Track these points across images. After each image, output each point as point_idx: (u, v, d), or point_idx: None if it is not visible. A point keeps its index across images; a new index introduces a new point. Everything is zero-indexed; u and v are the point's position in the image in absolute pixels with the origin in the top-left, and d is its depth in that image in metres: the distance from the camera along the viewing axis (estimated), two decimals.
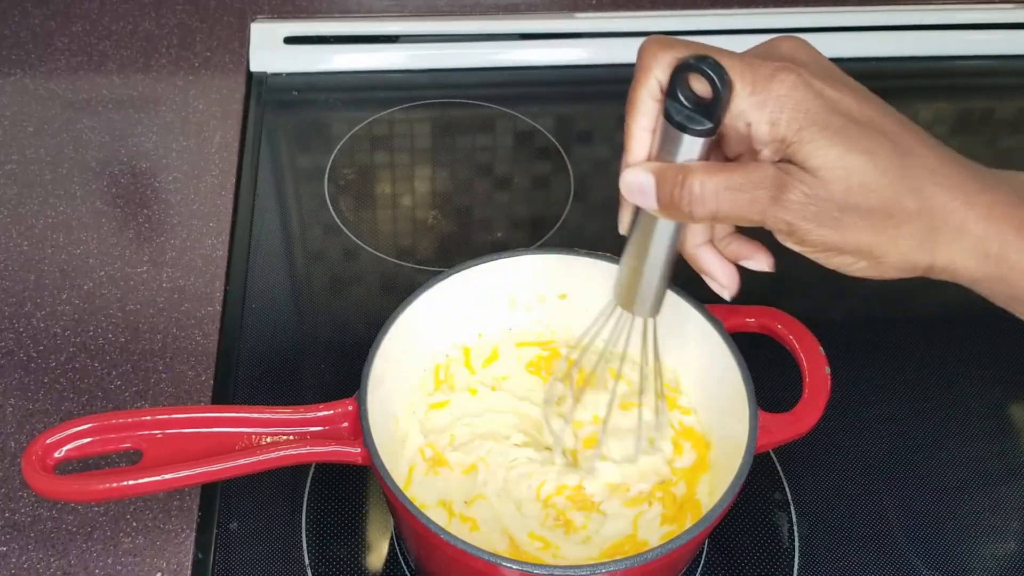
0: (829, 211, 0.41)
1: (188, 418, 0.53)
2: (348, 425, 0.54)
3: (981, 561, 0.60)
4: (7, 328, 0.68)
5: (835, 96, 0.42)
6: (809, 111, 0.41)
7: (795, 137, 0.41)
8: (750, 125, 0.41)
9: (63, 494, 0.51)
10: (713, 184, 0.42)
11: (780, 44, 0.44)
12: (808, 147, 0.40)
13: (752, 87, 0.41)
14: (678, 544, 0.48)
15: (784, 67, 0.41)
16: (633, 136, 0.45)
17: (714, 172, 0.42)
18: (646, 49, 0.44)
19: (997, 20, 0.96)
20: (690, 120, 0.42)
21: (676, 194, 0.43)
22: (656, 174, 0.44)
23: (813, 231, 0.41)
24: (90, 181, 0.79)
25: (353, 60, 0.91)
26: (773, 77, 0.41)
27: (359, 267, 0.76)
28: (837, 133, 0.41)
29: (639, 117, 0.44)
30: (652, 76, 0.43)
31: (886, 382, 0.68)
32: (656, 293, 0.49)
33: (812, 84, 0.41)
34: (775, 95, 0.41)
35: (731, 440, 0.54)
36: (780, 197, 0.41)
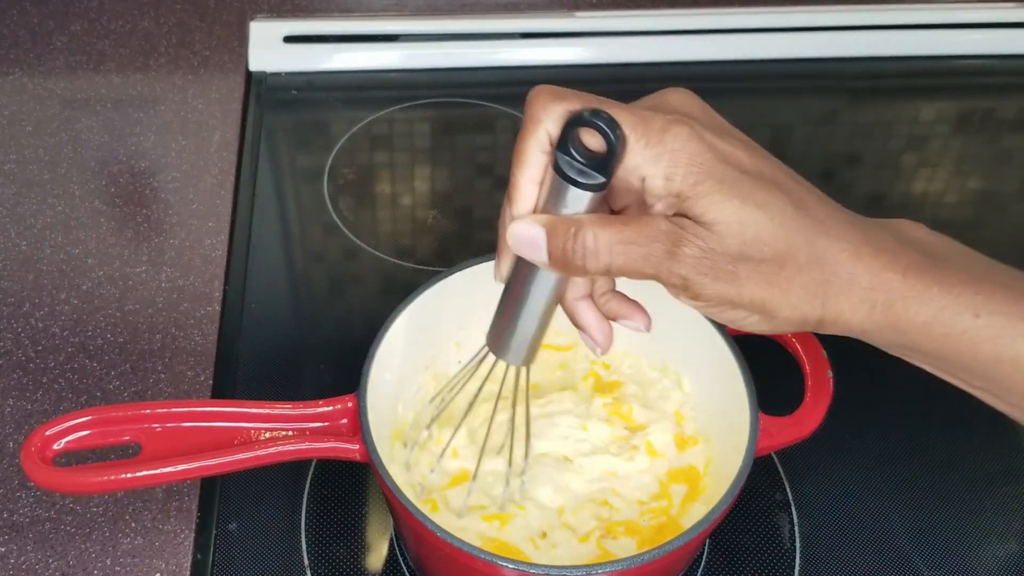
0: (724, 265, 0.41)
1: (187, 412, 0.53)
2: (347, 422, 0.54)
3: (982, 562, 0.60)
4: (5, 328, 0.68)
5: (727, 148, 0.41)
6: (704, 164, 0.40)
7: (691, 192, 0.40)
8: (644, 179, 0.41)
9: (62, 486, 0.51)
10: (606, 237, 0.41)
11: (669, 96, 0.44)
12: (704, 201, 0.40)
13: (646, 140, 0.40)
14: (677, 545, 0.48)
15: (676, 119, 0.41)
16: (519, 187, 0.43)
17: (607, 225, 0.41)
18: (536, 99, 0.43)
19: (997, 20, 0.96)
20: (581, 174, 0.41)
21: (568, 247, 0.42)
22: (547, 227, 0.42)
23: (708, 285, 0.41)
24: (89, 181, 0.79)
25: (353, 59, 0.91)
26: (666, 130, 0.40)
27: (359, 267, 0.76)
28: (732, 186, 0.40)
29: (527, 169, 0.43)
30: (542, 128, 0.42)
31: (887, 382, 0.68)
32: (531, 343, 0.48)
33: (704, 136, 0.41)
34: (669, 149, 0.40)
35: (732, 442, 0.54)
36: (676, 252, 0.41)
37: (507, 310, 0.47)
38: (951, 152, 0.89)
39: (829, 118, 0.93)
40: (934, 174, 0.87)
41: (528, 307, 0.47)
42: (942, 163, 0.88)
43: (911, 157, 0.88)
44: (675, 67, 0.92)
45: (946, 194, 0.86)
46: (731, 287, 0.41)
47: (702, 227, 0.40)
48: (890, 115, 0.92)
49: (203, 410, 0.53)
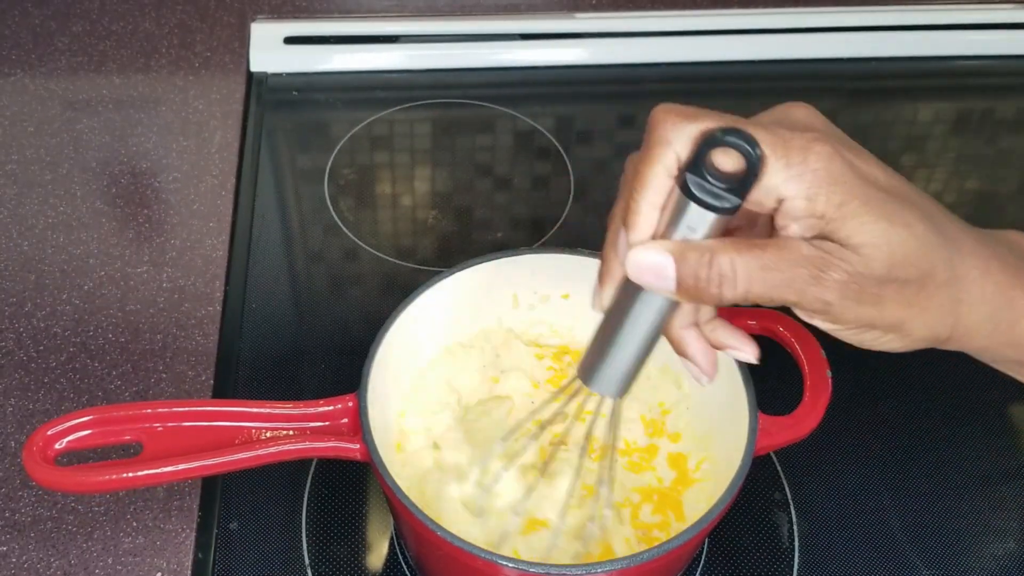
0: (870, 288, 0.39)
1: (189, 411, 0.53)
2: (348, 421, 0.54)
3: (981, 561, 0.60)
4: (7, 328, 0.68)
5: (864, 167, 0.40)
6: (847, 185, 0.38)
7: (836, 213, 0.38)
8: (783, 200, 0.39)
9: (63, 485, 0.51)
10: (745, 263, 0.39)
11: (793, 112, 0.42)
12: (851, 223, 0.38)
13: (786, 160, 0.38)
14: (675, 544, 0.48)
15: (816, 138, 0.39)
16: (640, 213, 0.41)
17: (744, 250, 0.39)
18: (664, 120, 0.40)
19: (997, 20, 0.96)
20: (715, 197, 0.39)
21: (702, 275, 0.39)
22: (676, 254, 0.40)
23: (852, 309, 0.40)
24: (90, 181, 0.79)
25: (353, 60, 0.91)
26: (808, 149, 0.38)
27: (359, 267, 0.76)
28: (877, 207, 0.39)
29: (649, 193, 0.40)
30: (671, 151, 0.40)
31: (886, 382, 0.68)
32: (629, 373, 0.45)
33: (844, 155, 0.39)
34: (812, 168, 0.38)
35: (730, 442, 0.54)
36: (821, 276, 0.39)
37: (607, 337, 0.44)
38: (950, 152, 0.89)
39: (829, 118, 0.93)
40: (933, 174, 0.87)
41: (631, 337, 0.44)
42: (941, 163, 0.88)
43: (910, 157, 0.88)
44: (675, 68, 0.92)
45: (945, 194, 0.86)
46: (874, 309, 0.40)
47: (848, 250, 0.39)
48: (889, 115, 0.92)
49: (204, 410, 0.54)
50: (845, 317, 0.40)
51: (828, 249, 0.39)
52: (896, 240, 0.39)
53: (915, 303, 0.40)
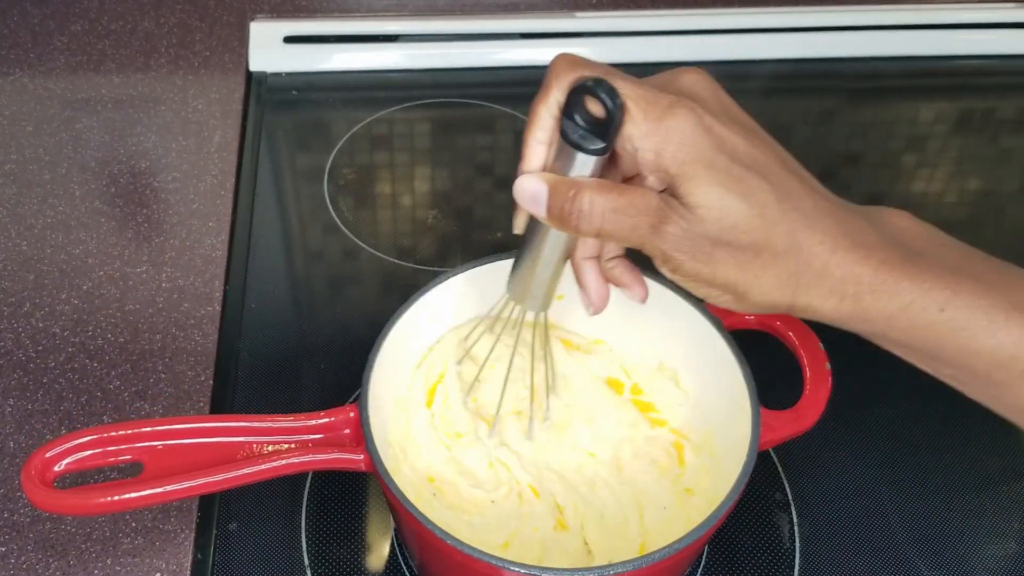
0: (702, 246, 0.42)
1: (188, 428, 0.53)
2: (350, 432, 0.54)
3: (982, 561, 0.60)
4: (6, 328, 0.68)
5: (724, 134, 0.42)
6: (695, 147, 0.42)
7: (677, 171, 0.42)
8: (636, 151, 0.43)
9: (64, 508, 0.51)
10: (601, 203, 0.43)
11: (682, 76, 0.45)
12: (689, 184, 0.42)
13: (645, 115, 0.42)
14: (685, 544, 0.48)
15: (680, 101, 0.42)
16: (529, 146, 0.46)
17: (603, 191, 0.44)
18: (553, 67, 0.45)
19: (997, 20, 0.96)
20: (584, 139, 0.44)
21: (566, 208, 0.44)
22: (550, 185, 0.45)
23: (686, 263, 0.43)
24: (89, 181, 0.79)
25: (353, 60, 0.91)
26: (669, 109, 0.42)
27: (359, 267, 0.76)
28: (719, 173, 0.42)
29: (536, 130, 0.46)
30: (552, 95, 0.45)
31: (886, 382, 0.68)
32: (546, 291, 0.52)
33: (703, 119, 0.42)
34: (665, 126, 0.42)
35: (733, 438, 0.54)
36: (659, 227, 0.43)
37: (524, 261, 0.51)
38: (950, 152, 0.89)
39: (829, 118, 0.93)
40: (933, 174, 0.87)
41: (542, 258, 0.50)
42: (941, 163, 0.88)
43: (911, 157, 0.88)
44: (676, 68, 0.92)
45: (945, 194, 0.86)
46: (706, 267, 0.43)
47: (686, 208, 0.42)
48: (890, 115, 0.92)
49: (204, 426, 0.53)
50: (682, 269, 0.44)
51: (670, 204, 0.43)
52: (729, 206, 0.42)
53: (748, 268, 0.43)
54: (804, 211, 0.43)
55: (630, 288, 0.51)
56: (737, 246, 0.42)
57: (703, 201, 0.42)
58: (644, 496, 0.57)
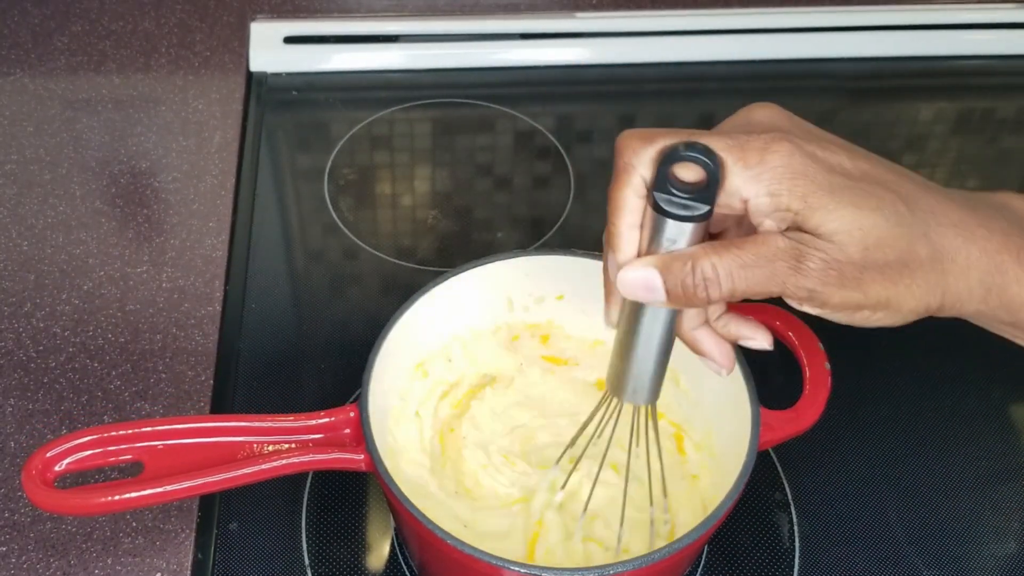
0: (849, 272, 0.41)
1: (189, 428, 0.53)
2: (350, 432, 0.54)
3: (982, 561, 0.60)
4: (7, 328, 0.68)
5: (828, 157, 0.41)
6: (809, 176, 0.40)
7: (801, 205, 0.40)
8: (747, 201, 0.41)
9: (65, 508, 0.51)
10: (725, 264, 0.41)
11: (756, 113, 0.44)
12: (819, 213, 0.40)
13: (744, 163, 0.41)
14: (685, 544, 0.48)
15: (775, 137, 0.41)
16: (621, 235, 0.44)
17: (723, 252, 0.41)
18: (625, 146, 0.43)
19: (997, 20, 0.96)
20: (684, 208, 0.41)
21: (688, 282, 0.42)
22: (661, 267, 0.42)
23: (836, 294, 0.41)
24: (90, 181, 0.79)
25: (353, 60, 0.91)
26: (766, 149, 0.41)
27: (359, 267, 0.76)
28: (843, 194, 0.40)
29: (625, 215, 0.43)
30: (636, 175, 0.43)
31: (886, 382, 0.68)
32: (653, 380, 0.48)
33: (804, 148, 0.41)
34: (770, 167, 0.40)
35: (733, 438, 0.54)
36: (799, 267, 0.41)
37: (624, 351, 0.47)
38: (950, 152, 0.89)
39: (829, 118, 0.93)
40: (933, 174, 0.87)
41: (646, 346, 0.46)
42: (941, 163, 0.88)
43: (911, 157, 0.88)
44: (675, 68, 0.92)
45: None
46: (858, 292, 0.41)
47: (821, 239, 0.41)
48: (890, 115, 0.92)
49: (204, 426, 0.53)
50: (831, 302, 0.42)
51: (802, 240, 0.41)
52: (867, 224, 0.40)
53: (899, 281, 0.41)
54: (931, 209, 0.42)
55: (753, 338, 0.48)
56: (884, 263, 0.41)
57: (840, 226, 0.40)
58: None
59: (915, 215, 0.41)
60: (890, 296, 0.42)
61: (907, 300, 0.42)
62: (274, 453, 0.53)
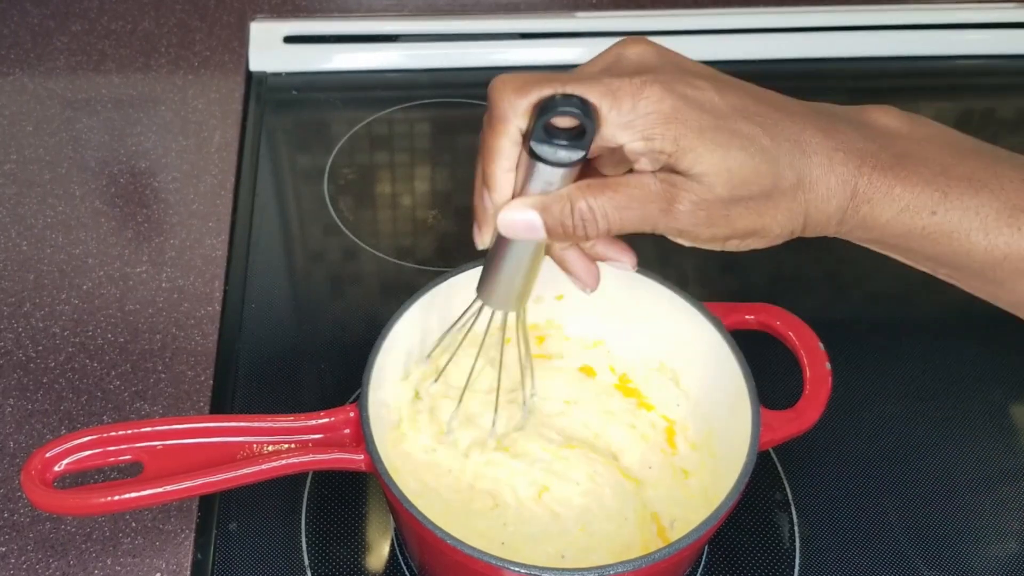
0: (718, 211, 0.42)
1: (188, 428, 0.53)
2: (350, 432, 0.54)
3: (982, 561, 0.60)
4: (6, 328, 0.68)
5: (697, 95, 0.42)
6: (680, 119, 0.41)
7: (673, 148, 0.41)
8: (623, 145, 0.42)
9: (64, 508, 0.51)
10: (601, 204, 0.43)
11: (627, 51, 0.44)
12: (690, 156, 0.41)
13: (617, 109, 0.41)
14: (685, 544, 0.48)
15: (646, 81, 0.41)
16: (496, 176, 0.44)
17: (599, 193, 0.43)
18: (500, 96, 0.43)
19: (997, 20, 0.96)
20: (559, 153, 0.42)
21: (567, 223, 0.43)
22: (540, 208, 0.44)
23: (704, 231, 0.43)
24: (89, 181, 0.79)
25: (353, 60, 0.91)
26: (638, 94, 0.41)
27: (359, 267, 0.76)
28: (713, 135, 0.41)
29: (501, 161, 0.44)
30: (512, 124, 0.43)
31: (886, 382, 0.68)
32: (521, 291, 0.51)
33: (675, 89, 0.41)
34: (643, 113, 0.41)
35: (733, 438, 0.54)
36: (670, 209, 0.42)
37: (496, 266, 0.49)
38: None
39: None
40: None
41: (516, 265, 0.49)
42: None
43: None
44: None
45: None
46: (726, 227, 0.43)
47: (691, 179, 0.42)
48: None
49: (204, 426, 0.53)
50: (702, 236, 0.44)
51: (673, 182, 0.42)
52: (734, 164, 0.41)
53: (764, 212, 0.43)
54: (795, 138, 0.43)
55: (618, 260, 0.49)
56: (750, 197, 0.42)
57: (708, 168, 0.41)
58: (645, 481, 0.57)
59: (779, 146, 0.42)
60: (756, 226, 0.43)
61: (772, 227, 0.43)
62: (274, 453, 0.53)
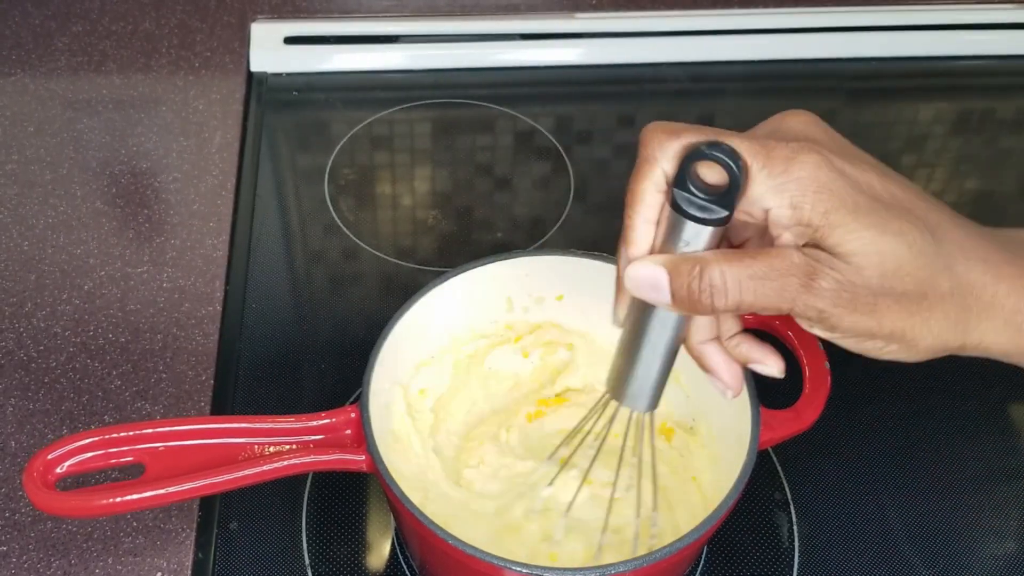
0: (863, 297, 0.39)
1: (190, 430, 0.53)
2: (351, 432, 0.54)
3: (981, 561, 0.60)
4: (7, 328, 0.68)
5: (857, 174, 0.40)
6: (834, 193, 0.38)
7: (822, 221, 0.39)
8: (768, 210, 0.39)
9: (66, 510, 0.51)
10: (735, 273, 0.39)
11: (790, 120, 0.42)
12: (838, 231, 0.38)
13: (769, 170, 0.39)
14: (685, 543, 0.48)
15: (802, 147, 0.39)
16: (635, 228, 0.42)
17: (734, 261, 0.40)
18: (651, 138, 0.41)
19: (997, 20, 0.96)
20: (702, 209, 0.40)
21: (694, 287, 0.40)
22: (669, 267, 0.41)
23: (846, 317, 0.39)
24: (90, 181, 0.79)
25: (353, 60, 0.91)
26: (792, 158, 0.39)
27: (359, 267, 0.76)
28: (867, 215, 0.39)
29: (642, 209, 0.42)
30: (658, 167, 0.41)
31: (886, 382, 0.68)
32: (654, 388, 0.47)
33: (833, 163, 0.39)
34: (795, 177, 0.39)
35: (733, 437, 0.54)
36: (811, 285, 0.39)
37: (628, 354, 0.46)
38: (950, 152, 0.89)
39: (829, 118, 0.92)
40: (933, 174, 0.87)
41: (650, 350, 0.45)
42: (941, 163, 0.88)
43: (910, 157, 0.88)
44: (675, 68, 0.92)
45: (945, 194, 0.86)
46: (870, 319, 0.40)
47: (838, 259, 0.39)
48: (889, 115, 0.92)
49: (205, 427, 0.53)
50: (841, 325, 0.40)
51: (818, 257, 0.39)
52: (887, 249, 0.39)
53: (916, 313, 0.40)
54: (958, 243, 0.40)
55: (764, 362, 0.46)
56: (901, 291, 0.39)
57: (858, 248, 0.38)
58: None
59: (940, 246, 0.40)
60: (905, 328, 0.40)
61: (923, 334, 0.40)
62: (275, 454, 0.53)
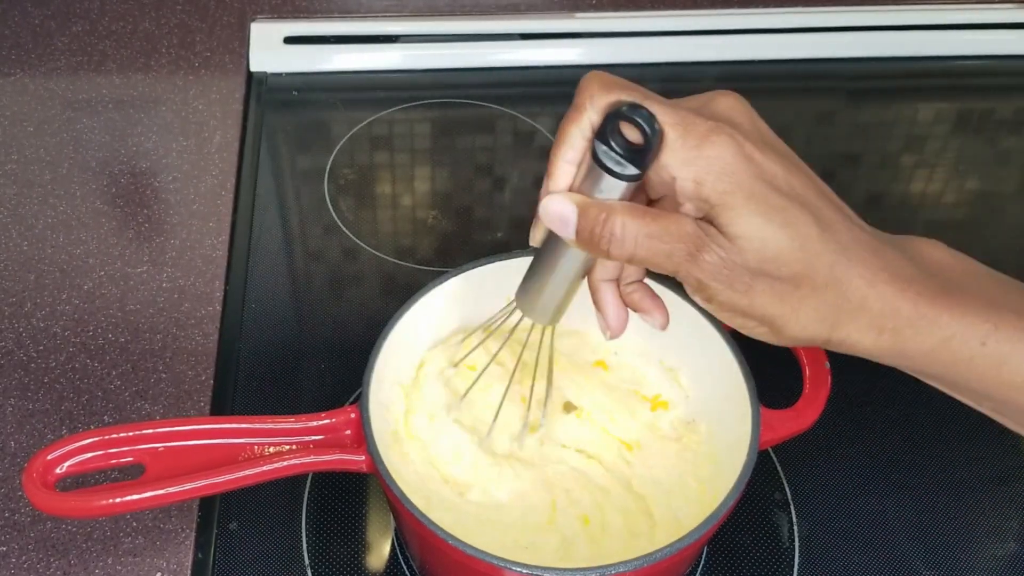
0: (741, 276, 0.41)
1: (190, 430, 0.53)
2: (351, 433, 0.54)
3: (981, 561, 0.60)
4: (7, 328, 0.68)
5: (764, 162, 0.41)
6: (735, 176, 0.41)
7: (718, 200, 0.41)
8: (675, 179, 0.42)
9: (66, 511, 0.51)
10: (634, 228, 0.42)
11: (719, 100, 0.44)
12: (730, 213, 0.41)
13: (683, 142, 0.41)
14: (685, 544, 0.48)
15: (719, 127, 0.41)
16: (557, 166, 0.45)
17: (637, 216, 0.42)
18: (586, 87, 0.44)
19: (997, 20, 0.96)
20: (618, 164, 0.43)
21: (597, 231, 0.43)
22: (580, 207, 0.44)
23: (722, 292, 0.42)
24: (90, 181, 0.79)
25: (353, 60, 0.91)
26: (707, 136, 0.41)
27: (359, 267, 0.76)
28: (760, 203, 0.41)
29: (566, 150, 0.44)
30: (585, 116, 0.44)
31: (886, 382, 0.68)
32: (558, 306, 0.50)
33: (743, 147, 0.41)
34: (705, 155, 0.41)
35: (733, 437, 0.54)
36: (696, 256, 0.41)
37: (538, 273, 0.49)
38: (949, 152, 0.89)
39: (828, 118, 0.93)
40: (932, 174, 0.87)
41: (557, 274, 0.48)
42: (940, 163, 0.88)
43: (910, 157, 0.88)
44: (676, 68, 0.92)
45: (944, 194, 0.86)
46: (744, 298, 0.42)
47: (725, 237, 0.41)
48: (889, 115, 0.92)
49: (205, 427, 0.53)
50: (717, 298, 0.42)
51: (708, 232, 0.42)
52: (770, 237, 0.41)
53: (787, 301, 0.42)
54: (843, 243, 0.42)
55: (650, 314, 0.49)
56: (776, 277, 0.41)
57: (744, 232, 0.41)
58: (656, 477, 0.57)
59: (825, 244, 0.41)
60: (775, 314, 0.42)
61: (791, 322, 0.42)
62: (275, 455, 0.53)
